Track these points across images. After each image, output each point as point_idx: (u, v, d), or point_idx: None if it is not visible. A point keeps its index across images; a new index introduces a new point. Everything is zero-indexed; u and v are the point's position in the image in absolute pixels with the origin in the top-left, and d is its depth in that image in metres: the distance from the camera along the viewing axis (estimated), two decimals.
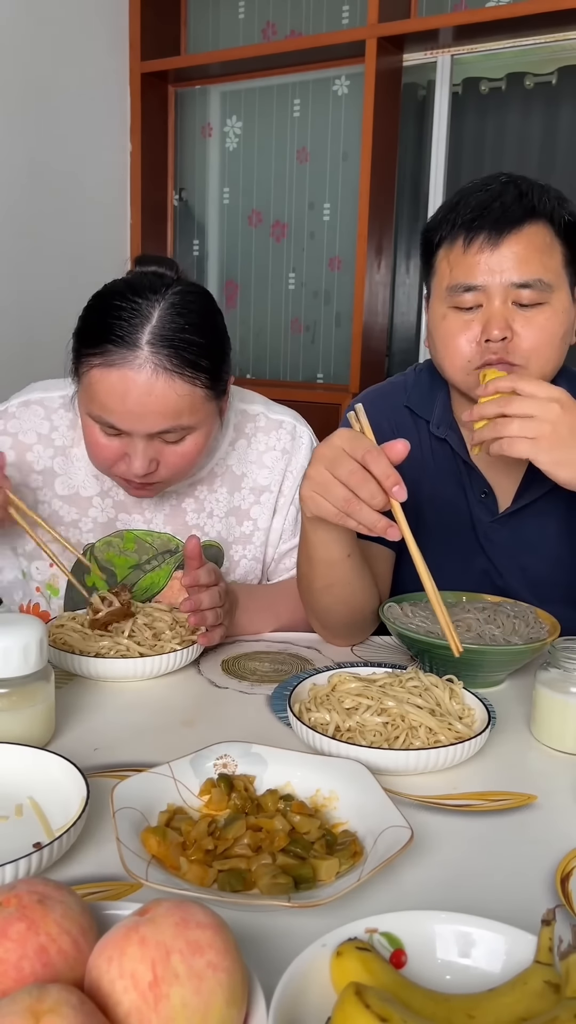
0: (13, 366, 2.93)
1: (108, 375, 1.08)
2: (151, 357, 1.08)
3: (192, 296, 1.14)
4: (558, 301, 1.13)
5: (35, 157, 3.01)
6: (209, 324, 1.14)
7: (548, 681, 0.92)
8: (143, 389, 1.08)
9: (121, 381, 1.08)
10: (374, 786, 0.76)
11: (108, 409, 1.10)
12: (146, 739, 0.92)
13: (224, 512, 1.32)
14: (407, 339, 3.28)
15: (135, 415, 1.09)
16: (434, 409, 1.29)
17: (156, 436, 1.12)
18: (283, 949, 0.56)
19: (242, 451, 1.32)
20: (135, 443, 1.12)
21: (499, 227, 1.11)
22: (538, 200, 1.13)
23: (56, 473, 1.29)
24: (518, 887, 0.69)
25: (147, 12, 3.30)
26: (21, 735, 0.84)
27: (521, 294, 1.12)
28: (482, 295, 1.13)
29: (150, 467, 1.14)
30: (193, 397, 1.11)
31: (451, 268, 1.15)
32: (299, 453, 1.33)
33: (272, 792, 0.76)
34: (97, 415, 1.12)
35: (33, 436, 1.28)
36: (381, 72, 2.91)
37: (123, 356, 1.08)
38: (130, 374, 1.07)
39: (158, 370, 1.08)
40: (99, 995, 0.47)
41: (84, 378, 1.12)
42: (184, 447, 1.14)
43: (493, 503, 1.27)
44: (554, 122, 2.92)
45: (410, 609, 1.13)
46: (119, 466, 1.15)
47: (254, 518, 1.33)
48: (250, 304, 3.54)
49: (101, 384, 1.09)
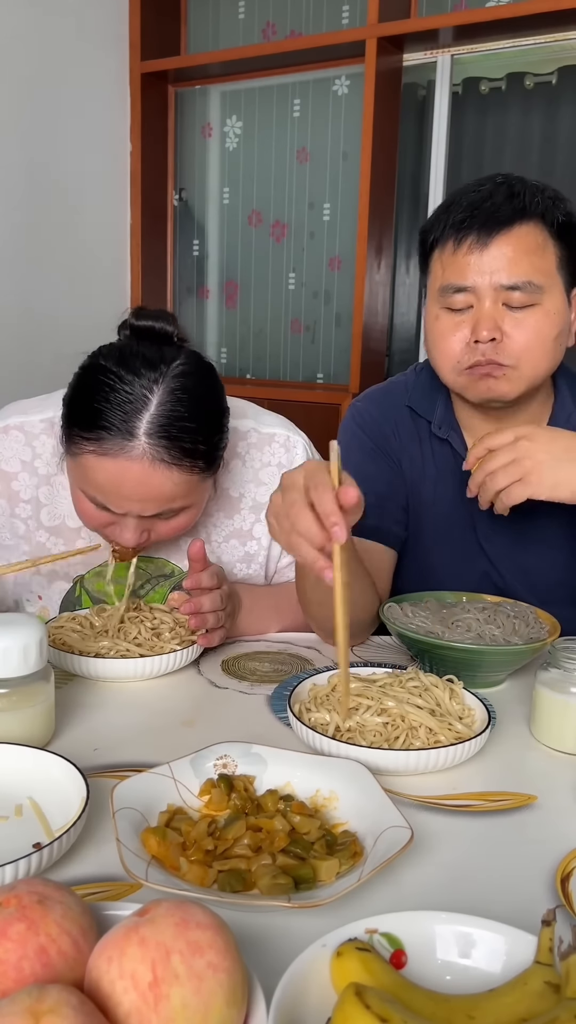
0: (13, 364, 2.93)
1: (103, 463, 1.04)
2: (149, 450, 1.03)
3: (193, 379, 1.07)
4: (550, 302, 1.13)
5: (35, 157, 3.01)
6: (209, 405, 1.09)
7: (548, 681, 0.92)
8: (140, 479, 1.04)
9: (117, 471, 1.03)
10: (374, 786, 0.76)
11: (103, 493, 1.06)
12: (146, 739, 0.92)
13: (223, 537, 1.29)
14: (407, 339, 3.28)
15: (130, 501, 1.06)
16: (435, 409, 1.29)
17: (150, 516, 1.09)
18: (283, 949, 0.56)
19: (237, 472, 1.29)
20: (127, 520, 1.09)
21: (488, 227, 1.11)
22: (530, 200, 1.12)
23: (41, 503, 1.25)
24: (518, 887, 0.69)
25: (147, 12, 3.31)
26: (21, 735, 0.84)
27: (511, 296, 1.11)
28: (472, 296, 1.13)
29: (141, 538, 1.11)
30: (190, 483, 1.08)
31: (443, 269, 1.15)
32: (294, 465, 1.29)
33: (272, 792, 0.76)
34: (90, 495, 1.08)
35: (17, 464, 1.24)
36: (381, 72, 2.92)
37: (119, 445, 1.02)
38: (127, 464, 1.03)
39: (155, 463, 1.03)
40: (99, 995, 0.47)
41: (78, 458, 1.07)
42: (177, 521, 1.12)
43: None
44: (554, 122, 2.92)
45: (410, 609, 1.13)
46: (109, 529, 1.13)
47: (257, 537, 1.30)
48: (250, 304, 3.54)
49: (96, 471, 1.05)
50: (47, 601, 1.28)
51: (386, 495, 1.28)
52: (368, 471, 1.27)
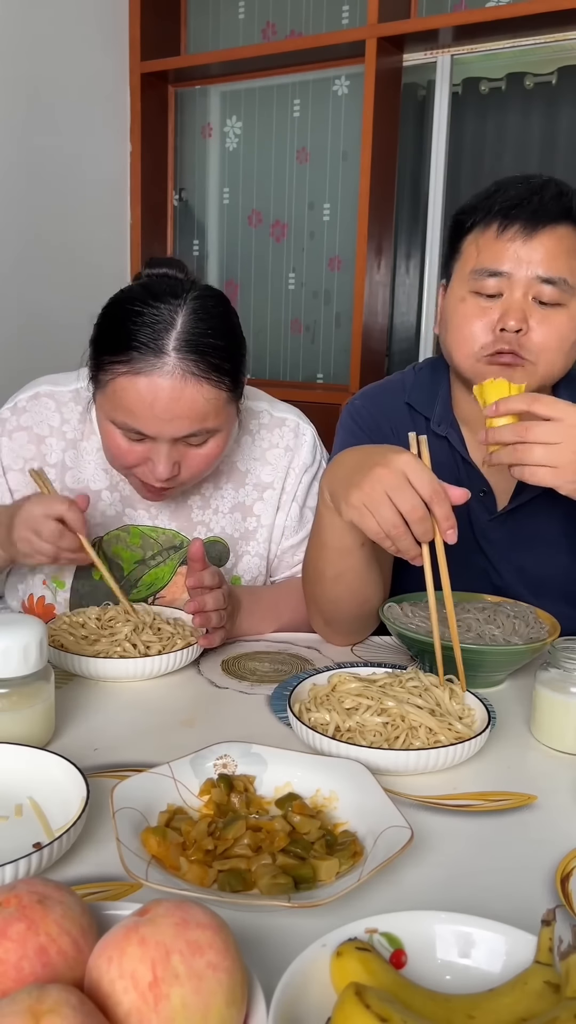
0: (13, 364, 2.93)
1: (135, 382, 1.08)
2: (179, 363, 1.08)
3: (212, 300, 1.14)
4: (574, 307, 1.14)
5: (35, 157, 3.01)
6: (230, 327, 1.15)
7: (548, 681, 0.92)
8: (172, 395, 1.08)
9: (150, 388, 1.08)
10: (374, 786, 0.76)
11: (135, 416, 1.10)
12: (146, 739, 0.92)
13: (229, 508, 1.32)
14: (407, 339, 3.28)
15: (163, 421, 1.09)
16: (435, 406, 1.29)
17: (180, 440, 1.12)
18: (283, 949, 0.56)
19: (247, 448, 1.33)
20: (159, 447, 1.12)
21: (536, 219, 1.12)
22: (573, 203, 1.13)
23: (67, 466, 1.29)
24: (518, 887, 0.69)
25: (147, 12, 3.30)
26: (21, 735, 0.84)
27: (543, 290, 1.12)
28: (505, 283, 1.13)
29: (173, 471, 1.14)
30: (219, 400, 1.11)
31: (479, 252, 1.15)
32: (301, 451, 1.34)
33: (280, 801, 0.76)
34: (122, 422, 1.11)
35: (46, 428, 1.29)
36: (381, 72, 2.91)
37: (150, 363, 1.07)
38: (159, 380, 1.07)
39: (187, 376, 1.08)
40: (99, 995, 0.47)
41: (108, 386, 1.11)
42: (207, 449, 1.15)
43: (491, 501, 1.27)
44: (554, 122, 2.92)
45: (410, 609, 1.13)
46: (140, 468, 1.16)
47: (258, 514, 1.33)
48: (250, 304, 3.53)
49: (128, 391, 1.09)
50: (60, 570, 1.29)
51: None
52: None
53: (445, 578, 0.97)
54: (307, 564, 1.19)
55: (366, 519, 0.97)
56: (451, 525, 0.95)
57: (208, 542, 1.30)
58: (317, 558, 1.14)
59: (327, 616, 1.19)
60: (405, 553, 0.97)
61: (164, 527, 1.30)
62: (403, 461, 0.95)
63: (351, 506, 0.98)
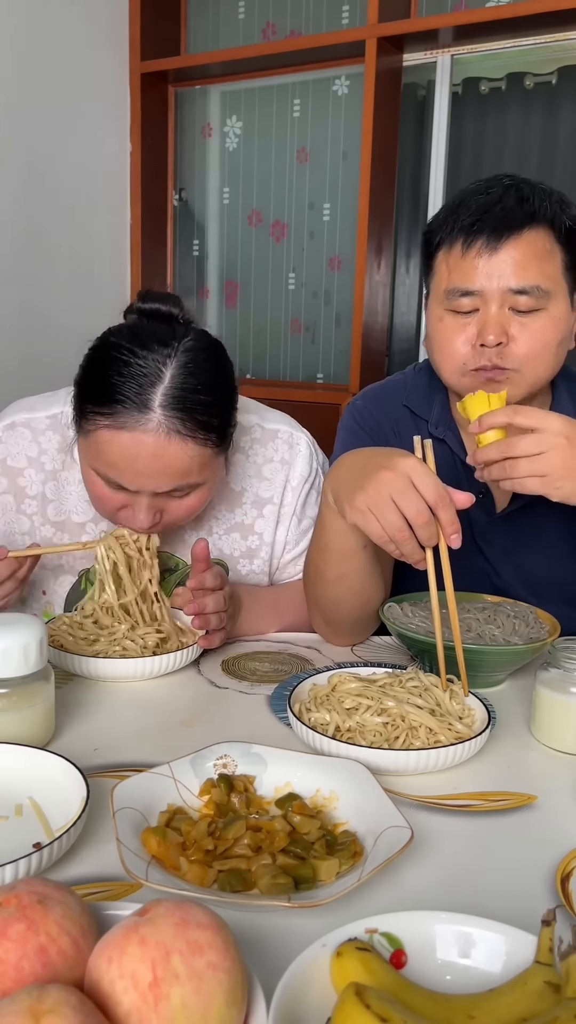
0: (13, 364, 2.93)
1: (118, 437, 1.05)
2: (164, 421, 1.04)
3: (204, 353, 1.09)
4: (555, 308, 1.13)
5: (35, 157, 3.01)
6: (220, 380, 1.11)
7: (548, 681, 0.92)
8: (155, 452, 1.04)
9: (132, 444, 1.04)
10: (374, 786, 0.76)
11: (117, 469, 1.07)
12: (146, 739, 0.92)
13: (224, 529, 1.30)
14: (407, 339, 3.28)
15: (145, 476, 1.07)
16: (432, 409, 1.29)
17: (162, 493, 1.10)
18: (283, 949, 0.56)
19: (240, 466, 1.29)
20: (140, 499, 1.10)
21: (498, 231, 1.10)
22: (539, 205, 1.12)
23: (48, 499, 1.26)
24: (518, 887, 0.69)
25: (147, 12, 3.30)
26: (21, 735, 0.84)
27: (518, 300, 1.11)
28: (479, 300, 1.12)
29: (153, 519, 1.12)
30: (203, 457, 1.08)
31: (449, 271, 1.15)
32: (297, 463, 1.31)
33: (280, 801, 0.76)
34: (103, 473, 1.09)
35: (23, 460, 1.25)
36: (381, 72, 2.91)
37: (134, 418, 1.04)
38: (142, 437, 1.04)
39: (171, 434, 1.04)
40: (99, 995, 0.47)
41: (91, 435, 1.08)
42: (189, 500, 1.13)
43: (491, 503, 1.26)
44: (554, 122, 2.92)
45: (410, 609, 1.13)
46: (122, 513, 1.13)
47: (259, 532, 1.31)
48: (250, 304, 3.53)
49: (111, 445, 1.05)
50: (51, 596, 1.28)
51: None
52: None
53: (449, 582, 0.97)
54: (308, 565, 1.19)
55: (370, 523, 0.97)
56: (455, 530, 0.95)
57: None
58: (319, 559, 1.14)
59: (328, 617, 1.19)
60: (409, 557, 0.97)
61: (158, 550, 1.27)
62: (408, 465, 0.95)
63: (355, 509, 0.98)
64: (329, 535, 1.09)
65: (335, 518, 1.06)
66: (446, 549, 0.96)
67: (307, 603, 1.22)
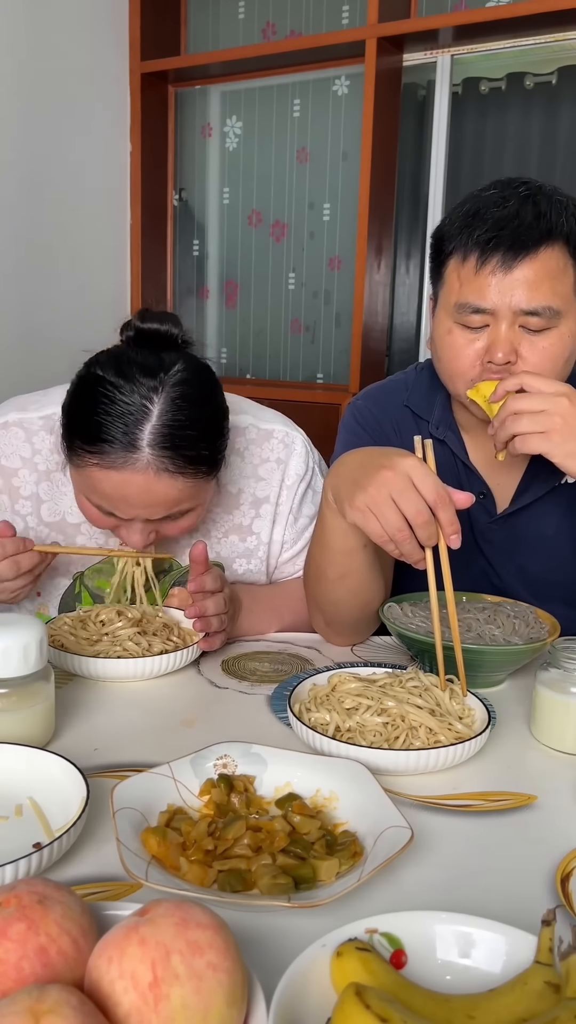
0: (13, 365, 2.93)
1: (107, 475, 1.05)
2: (153, 461, 1.04)
3: (191, 385, 1.07)
4: (566, 325, 1.11)
5: (35, 157, 3.01)
6: (209, 411, 1.10)
7: (548, 681, 0.92)
8: (145, 489, 1.05)
9: (122, 483, 1.05)
10: (374, 786, 0.76)
11: (109, 502, 1.08)
12: (146, 739, 0.92)
13: (223, 532, 1.30)
14: (407, 339, 3.28)
15: (136, 508, 1.08)
16: (434, 410, 1.29)
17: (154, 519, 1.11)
18: (283, 949, 0.56)
19: (235, 467, 1.29)
20: (134, 524, 1.11)
21: (515, 249, 1.08)
22: (556, 221, 1.09)
23: (42, 499, 1.26)
24: (518, 887, 0.69)
25: (147, 12, 3.30)
26: (21, 735, 0.84)
27: (529, 320, 1.10)
28: (490, 317, 1.11)
29: (149, 539, 1.13)
30: (195, 487, 1.10)
31: (461, 284, 1.12)
32: (292, 462, 1.31)
33: (280, 801, 0.76)
34: (96, 502, 1.10)
35: (17, 460, 1.25)
36: (381, 72, 2.91)
37: (123, 458, 1.04)
38: (131, 476, 1.05)
39: (160, 473, 1.05)
40: (99, 995, 0.47)
41: (81, 469, 1.08)
42: (183, 522, 1.14)
43: (491, 504, 1.26)
44: (554, 122, 2.92)
45: (410, 609, 1.13)
46: (116, 533, 1.15)
47: (257, 532, 1.31)
48: (250, 304, 3.53)
49: (101, 482, 1.07)
50: (46, 598, 1.28)
51: None
52: None
53: (448, 582, 0.97)
54: (309, 565, 1.19)
55: (370, 522, 0.97)
56: (455, 530, 0.95)
57: None
58: (319, 559, 1.14)
59: (328, 616, 1.19)
60: (408, 557, 0.98)
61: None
62: (408, 465, 0.95)
63: (355, 508, 0.98)
64: (329, 534, 1.09)
65: (335, 517, 1.06)
66: (446, 549, 0.97)
67: (307, 603, 1.22)
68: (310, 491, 1.33)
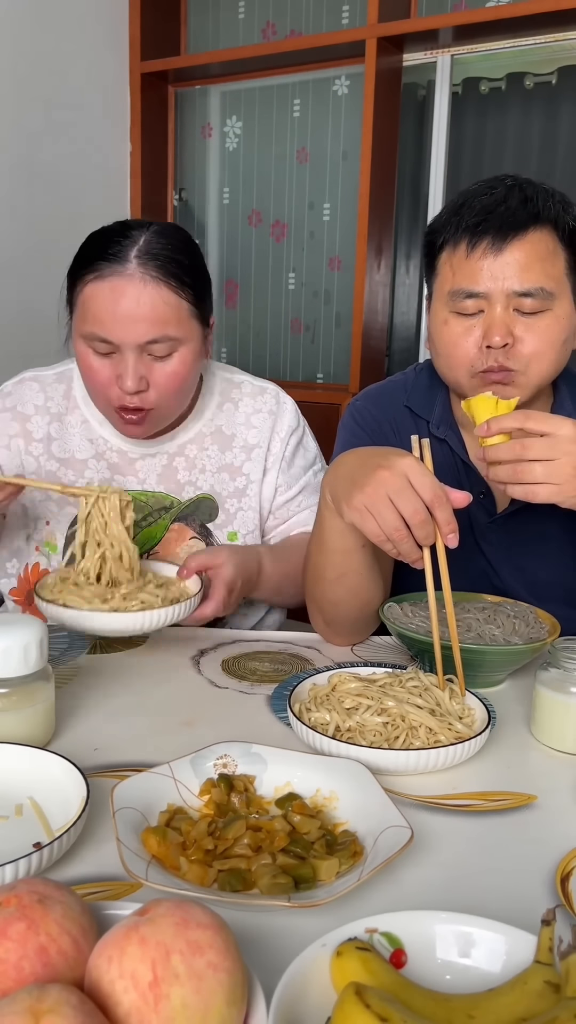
0: (13, 363, 2.92)
1: (100, 287, 1.18)
2: (139, 268, 1.18)
3: (173, 228, 1.26)
4: (560, 308, 1.13)
5: (35, 157, 3.01)
6: (190, 251, 1.25)
7: (548, 681, 0.92)
8: (133, 296, 1.17)
9: (112, 290, 1.17)
10: (374, 786, 0.76)
11: (100, 320, 1.18)
12: (146, 739, 0.92)
13: (216, 468, 1.38)
14: (407, 339, 3.28)
15: (125, 322, 1.17)
16: (434, 409, 1.29)
17: (145, 349, 1.19)
18: (283, 949, 0.56)
19: (230, 414, 1.39)
20: (125, 358, 1.19)
21: (503, 233, 1.10)
22: (543, 205, 1.11)
23: (52, 438, 1.36)
24: (518, 887, 0.69)
25: (147, 12, 3.30)
26: (21, 735, 0.84)
27: (523, 302, 1.11)
28: (484, 301, 1.12)
29: (140, 384, 1.20)
30: (179, 309, 1.20)
31: (453, 272, 1.14)
32: (284, 416, 1.41)
33: (280, 801, 0.76)
34: (90, 331, 1.19)
35: (31, 407, 1.36)
36: (381, 72, 2.91)
37: (114, 269, 1.18)
38: (120, 283, 1.17)
39: (146, 278, 1.17)
40: (99, 995, 0.47)
41: (78, 299, 1.21)
42: (172, 365, 1.21)
43: (491, 503, 1.26)
44: (554, 122, 2.92)
45: (410, 609, 1.13)
46: (113, 390, 1.21)
47: (246, 473, 1.39)
48: (250, 304, 3.53)
49: (94, 298, 1.18)
50: (55, 525, 1.35)
51: None
52: None
53: (446, 581, 0.97)
54: (308, 565, 1.19)
55: (367, 521, 0.97)
56: (452, 529, 0.95)
57: (198, 499, 1.36)
58: (318, 559, 1.14)
59: (328, 617, 1.19)
60: (406, 556, 0.98)
61: (152, 490, 1.36)
62: (405, 464, 0.95)
63: (352, 508, 0.98)
64: (327, 534, 1.09)
65: (333, 517, 1.06)
66: (443, 548, 0.96)
67: (307, 603, 1.22)
68: (300, 447, 1.42)
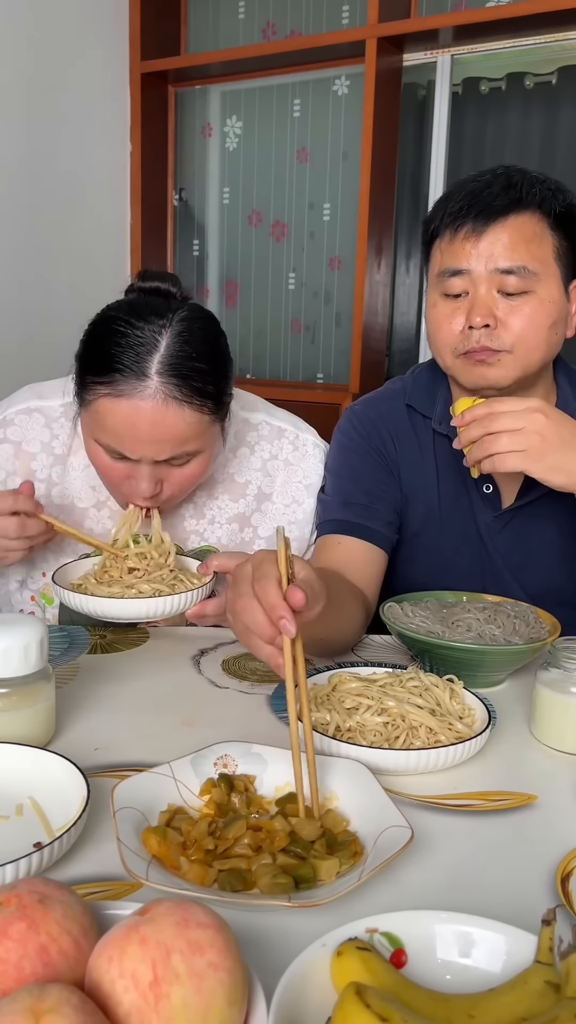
0: (12, 365, 2.93)
1: (117, 405, 1.08)
2: (161, 387, 1.07)
3: (198, 322, 1.13)
4: (545, 291, 1.14)
5: (35, 157, 3.01)
6: (215, 350, 1.14)
7: (548, 681, 0.92)
8: (153, 419, 1.08)
9: (131, 412, 1.08)
10: (374, 786, 0.76)
11: (118, 437, 1.10)
12: (146, 739, 0.92)
13: (227, 519, 1.32)
14: (407, 339, 3.28)
15: (144, 444, 1.09)
16: (436, 406, 1.29)
17: (163, 461, 1.13)
18: (283, 949, 0.56)
19: (244, 459, 1.33)
20: (141, 468, 1.13)
21: (484, 216, 1.13)
22: (527, 190, 1.14)
23: (54, 482, 1.29)
24: (518, 887, 0.69)
25: (147, 12, 3.30)
26: (21, 735, 0.84)
27: (506, 281, 1.13)
28: (468, 281, 1.15)
29: (155, 488, 1.15)
30: (201, 424, 1.11)
31: (442, 255, 1.18)
32: (304, 462, 1.33)
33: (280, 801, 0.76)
34: (105, 443, 1.12)
35: (37, 445, 1.29)
36: (381, 72, 2.91)
37: (132, 386, 1.07)
38: (140, 404, 1.07)
39: (168, 400, 1.07)
40: (99, 995, 0.47)
41: (91, 405, 1.11)
42: (189, 469, 1.16)
43: (496, 499, 1.27)
44: (554, 122, 2.92)
45: (410, 609, 1.13)
46: (126, 485, 1.16)
47: (254, 525, 1.33)
48: (250, 304, 3.53)
49: (110, 414, 1.09)
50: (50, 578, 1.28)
51: (377, 495, 1.28)
52: (360, 470, 1.29)
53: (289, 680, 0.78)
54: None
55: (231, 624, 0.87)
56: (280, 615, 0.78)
57: (200, 550, 1.31)
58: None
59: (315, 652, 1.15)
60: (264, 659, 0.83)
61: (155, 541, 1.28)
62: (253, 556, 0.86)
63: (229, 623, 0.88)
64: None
65: None
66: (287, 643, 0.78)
67: None
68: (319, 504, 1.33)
